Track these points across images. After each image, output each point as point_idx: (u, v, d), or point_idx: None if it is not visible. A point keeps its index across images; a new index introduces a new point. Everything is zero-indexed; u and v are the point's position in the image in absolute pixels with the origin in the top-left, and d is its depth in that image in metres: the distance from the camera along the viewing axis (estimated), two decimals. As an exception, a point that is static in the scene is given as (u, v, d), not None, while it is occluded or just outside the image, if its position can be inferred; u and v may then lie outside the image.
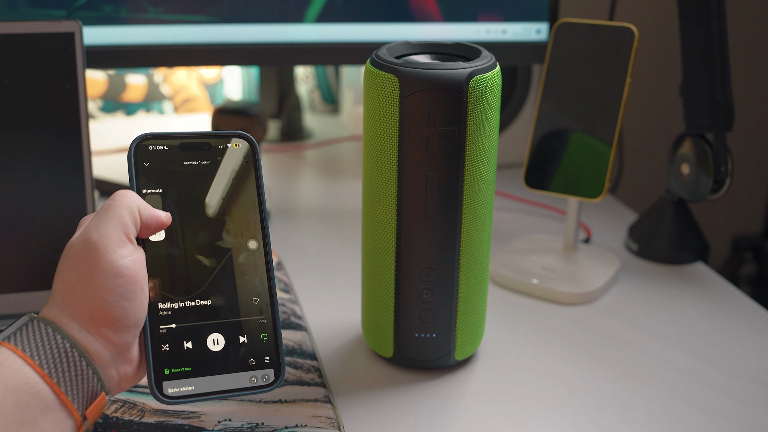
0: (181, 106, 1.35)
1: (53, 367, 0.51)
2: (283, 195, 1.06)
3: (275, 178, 1.11)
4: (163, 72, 1.32)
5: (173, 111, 1.35)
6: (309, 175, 1.14)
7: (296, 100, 1.23)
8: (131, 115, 1.33)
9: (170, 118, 1.33)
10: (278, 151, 1.20)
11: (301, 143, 1.23)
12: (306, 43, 0.94)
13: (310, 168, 1.16)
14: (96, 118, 1.31)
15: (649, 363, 0.73)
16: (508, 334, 0.77)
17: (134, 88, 1.32)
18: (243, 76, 1.31)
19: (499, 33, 0.96)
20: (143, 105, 1.33)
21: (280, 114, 1.22)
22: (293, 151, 1.21)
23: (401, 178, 0.64)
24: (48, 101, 0.71)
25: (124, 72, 1.30)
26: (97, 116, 1.31)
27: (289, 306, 0.78)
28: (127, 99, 1.32)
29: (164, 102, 1.34)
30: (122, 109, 1.32)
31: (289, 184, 1.10)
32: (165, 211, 0.57)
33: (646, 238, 0.91)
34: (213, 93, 1.35)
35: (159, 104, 1.34)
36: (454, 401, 0.67)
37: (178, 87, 1.34)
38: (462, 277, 0.67)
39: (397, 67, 0.62)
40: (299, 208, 1.04)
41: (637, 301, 0.83)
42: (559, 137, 0.83)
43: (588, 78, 0.82)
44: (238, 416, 0.63)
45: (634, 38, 0.80)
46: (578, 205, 0.85)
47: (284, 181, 1.11)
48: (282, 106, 1.22)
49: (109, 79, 1.30)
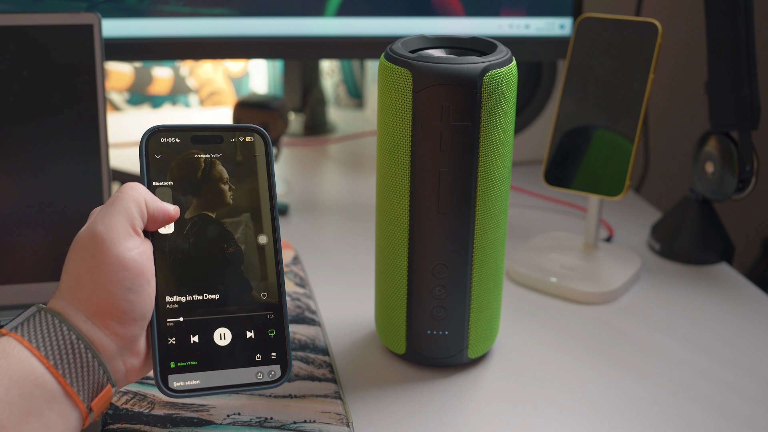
0: (207, 99, 1.35)
1: (59, 359, 0.51)
2: (303, 189, 1.06)
3: (297, 172, 1.11)
4: (189, 65, 1.33)
5: (199, 104, 1.35)
6: (331, 169, 1.14)
7: (320, 94, 1.23)
8: (157, 107, 1.34)
9: (196, 111, 1.33)
10: (301, 145, 1.20)
11: (324, 137, 1.23)
12: (325, 37, 0.93)
13: (333, 162, 1.16)
14: (122, 111, 1.32)
15: (667, 365, 0.71)
16: (524, 332, 0.76)
17: (160, 81, 1.32)
18: (268, 69, 1.31)
19: (522, 28, 0.94)
20: (169, 98, 1.34)
21: (303, 108, 1.22)
22: (316, 145, 1.20)
23: (414, 174, 0.64)
24: (66, 92, 0.72)
25: (151, 65, 1.31)
26: (124, 108, 1.32)
27: (304, 301, 0.78)
28: (153, 92, 1.33)
29: (190, 95, 1.35)
30: (148, 101, 1.33)
31: (311, 179, 1.10)
32: (173, 204, 0.57)
33: (669, 238, 0.89)
34: (238, 86, 1.36)
35: (185, 97, 1.34)
36: (465, 400, 0.66)
37: (203, 80, 1.34)
38: (475, 275, 0.66)
39: (410, 61, 0.62)
40: (320, 202, 1.03)
41: (658, 302, 0.81)
42: (580, 134, 0.82)
43: (610, 74, 0.80)
44: (247, 410, 0.63)
45: (657, 33, 0.78)
46: (599, 202, 0.83)
47: (306, 175, 1.11)
48: (306, 100, 1.21)
49: (136, 71, 1.30)
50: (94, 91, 0.73)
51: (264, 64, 1.32)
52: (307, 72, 1.21)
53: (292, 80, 1.21)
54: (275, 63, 1.28)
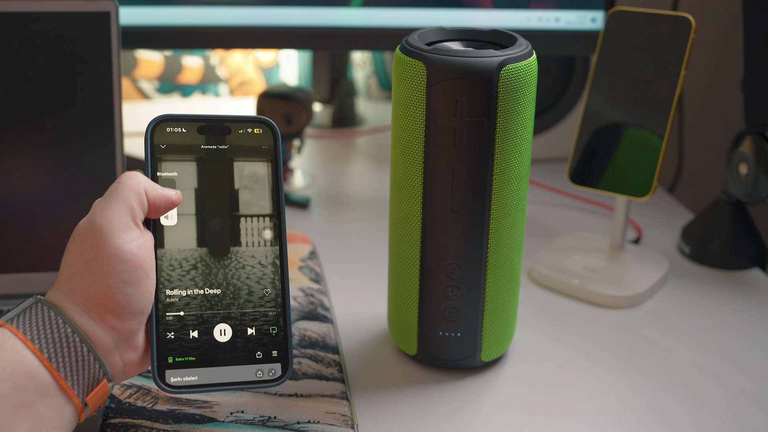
0: (237, 89, 1.34)
1: (53, 352, 0.50)
2: (327, 182, 1.04)
3: (322, 165, 1.09)
4: (220, 55, 1.32)
5: (229, 94, 1.34)
6: (357, 162, 1.12)
7: (349, 86, 1.21)
8: (187, 96, 1.33)
9: (225, 100, 1.32)
10: (328, 137, 1.18)
11: (352, 130, 1.21)
12: (351, 28, 0.92)
13: (360, 155, 1.14)
14: (152, 99, 1.32)
15: (690, 375, 0.69)
16: (542, 336, 0.73)
17: (190, 70, 1.32)
18: (299, 60, 1.30)
19: (552, 21, 0.92)
20: (199, 87, 1.33)
21: (331, 99, 1.20)
22: (343, 137, 1.19)
23: (427, 170, 0.62)
24: (82, 80, 0.71)
25: (181, 54, 1.30)
26: (153, 97, 1.32)
27: (318, 297, 0.76)
28: (183, 81, 1.32)
29: (220, 85, 1.34)
30: (178, 90, 1.32)
31: (336, 171, 1.08)
32: (175, 190, 0.55)
33: (700, 241, 0.86)
34: (269, 76, 1.34)
35: (215, 87, 1.34)
36: (476, 404, 0.64)
37: (234, 70, 1.33)
38: (489, 275, 0.64)
39: (425, 53, 0.59)
40: (343, 196, 1.02)
41: (684, 308, 0.78)
42: (607, 132, 0.79)
43: (640, 70, 0.77)
44: (251, 408, 0.62)
45: (690, 28, 0.75)
46: (626, 203, 0.80)
47: (331, 167, 1.09)
48: (334, 92, 1.20)
49: (166, 60, 1.30)
50: (110, 79, 0.72)
51: (294, 54, 1.31)
52: (336, 63, 1.19)
53: (320, 71, 1.19)
54: (305, 54, 1.27)
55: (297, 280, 0.78)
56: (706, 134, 1.30)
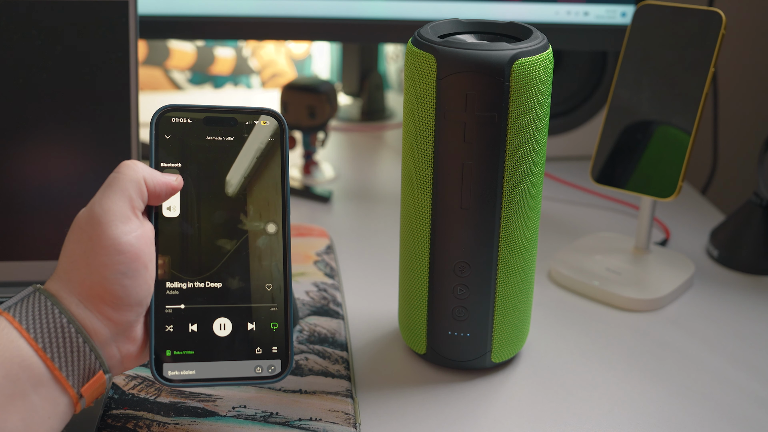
0: (269, 81, 1.33)
1: (48, 342, 0.49)
2: (353, 176, 1.03)
3: (348, 159, 1.08)
4: (252, 46, 1.31)
5: (261, 85, 1.34)
6: (384, 157, 1.11)
7: (379, 79, 1.20)
8: (219, 87, 1.33)
9: (257, 92, 1.32)
10: (356, 131, 1.17)
11: (381, 123, 1.20)
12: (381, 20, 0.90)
13: (387, 150, 1.13)
14: (184, 90, 1.32)
15: (710, 384, 0.66)
16: (557, 338, 0.71)
17: (222, 61, 1.32)
18: (331, 52, 1.29)
19: (581, 15, 0.89)
20: (231, 78, 1.33)
21: (360, 92, 1.19)
22: (372, 131, 1.17)
23: (437, 165, 0.60)
24: (99, 69, 0.71)
25: (213, 45, 1.30)
26: (185, 88, 1.32)
27: (331, 292, 0.75)
28: (215, 72, 1.32)
29: (252, 76, 1.33)
30: (210, 81, 1.32)
31: (362, 165, 1.07)
32: (176, 175, 0.55)
33: (729, 244, 0.83)
34: (301, 68, 1.34)
35: (247, 78, 1.33)
36: (483, 407, 0.63)
37: (266, 61, 1.33)
38: (500, 275, 0.62)
39: (435, 46, 0.58)
40: (367, 191, 1.00)
41: (708, 313, 0.76)
42: (632, 130, 0.77)
43: (668, 66, 0.75)
44: (253, 403, 0.61)
45: (721, 24, 0.72)
46: (652, 203, 0.78)
47: (357, 161, 1.08)
48: (363, 85, 1.19)
49: (198, 51, 1.30)
50: (127, 69, 0.72)
51: (327, 46, 1.30)
52: (366, 56, 1.18)
53: (350, 64, 1.18)
54: (337, 46, 1.26)
55: (311, 275, 0.78)
56: (741, 134, 1.26)
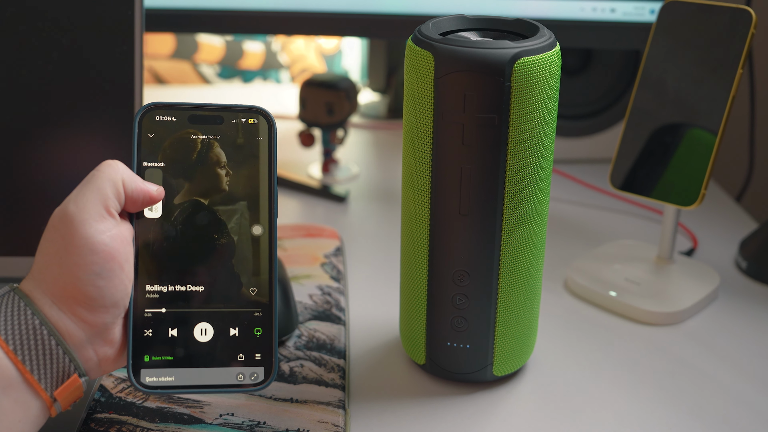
0: (298, 76, 1.32)
1: (19, 344, 0.48)
2: (374, 175, 1.00)
3: (370, 157, 1.06)
4: (281, 41, 1.30)
5: (290, 80, 1.32)
6: (408, 155, 1.08)
7: (406, 76, 1.17)
8: (248, 82, 1.32)
9: (286, 87, 1.30)
10: (382, 128, 1.14)
11: (408, 121, 1.17)
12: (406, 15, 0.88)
13: (411, 148, 1.10)
14: (213, 84, 1.31)
15: (725, 404, 0.62)
16: (567, 351, 0.68)
17: (251, 56, 1.30)
18: (362, 48, 1.27)
19: (607, 12, 0.85)
20: (260, 73, 1.31)
21: (387, 89, 1.16)
22: (398, 128, 1.15)
23: (435, 169, 0.57)
24: (104, 63, 0.70)
25: (242, 39, 1.29)
26: (214, 82, 1.31)
27: (335, 296, 0.73)
28: (244, 66, 1.31)
29: (281, 71, 1.32)
30: (239, 75, 1.31)
31: (385, 164, 1.04)
32: (157, 185, 0.53)
33: (759, 255, 0.79)
34: (330, 64, 1.32)
35: (276, 73, 1.32)
36: (481, 422, 0.60)
37: (295, 56, 1.31)
38: (502, 285, 0.59)
39: (433, 43, 0.55)
40: (385, 191, 0.97)
41: (731, 329, 0.71)
42: (654, 134, 0.73)
43: (694, 67, 0.71)
44: (242, 411, 0.59)
45: (750, 23, 0.68)
46: (676, 211, 0.74)
47: (381, 160, 1.05)
48: (390, 81, 1.16)
49: (227, 45, 1.29)
50: (132, 62, 0.70)
51: (357, 42, 1.27)
52: (393, 52, 1.15)
53: (376, 60, 1.16)
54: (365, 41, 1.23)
55: (317, 277, 0.75)
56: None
